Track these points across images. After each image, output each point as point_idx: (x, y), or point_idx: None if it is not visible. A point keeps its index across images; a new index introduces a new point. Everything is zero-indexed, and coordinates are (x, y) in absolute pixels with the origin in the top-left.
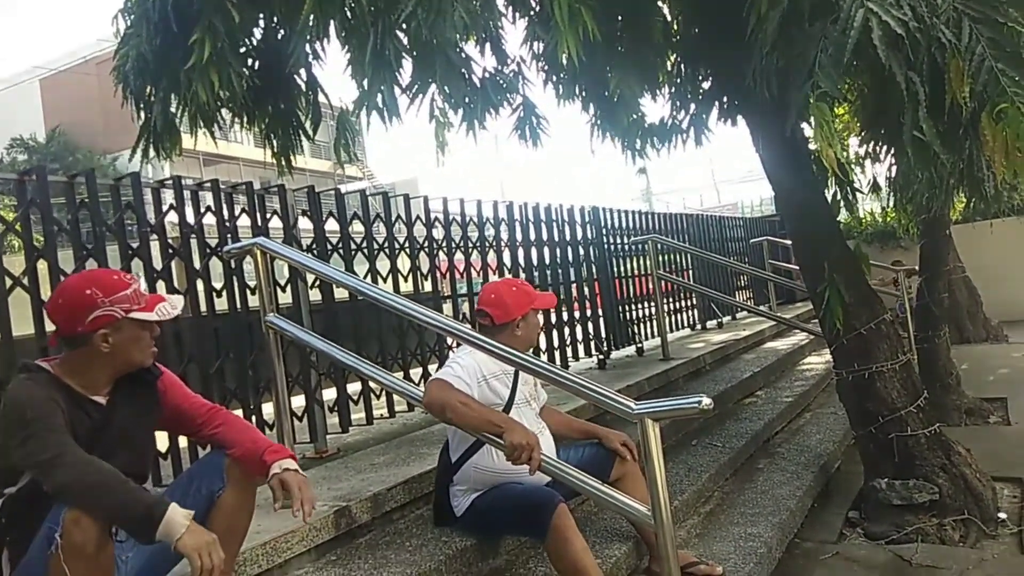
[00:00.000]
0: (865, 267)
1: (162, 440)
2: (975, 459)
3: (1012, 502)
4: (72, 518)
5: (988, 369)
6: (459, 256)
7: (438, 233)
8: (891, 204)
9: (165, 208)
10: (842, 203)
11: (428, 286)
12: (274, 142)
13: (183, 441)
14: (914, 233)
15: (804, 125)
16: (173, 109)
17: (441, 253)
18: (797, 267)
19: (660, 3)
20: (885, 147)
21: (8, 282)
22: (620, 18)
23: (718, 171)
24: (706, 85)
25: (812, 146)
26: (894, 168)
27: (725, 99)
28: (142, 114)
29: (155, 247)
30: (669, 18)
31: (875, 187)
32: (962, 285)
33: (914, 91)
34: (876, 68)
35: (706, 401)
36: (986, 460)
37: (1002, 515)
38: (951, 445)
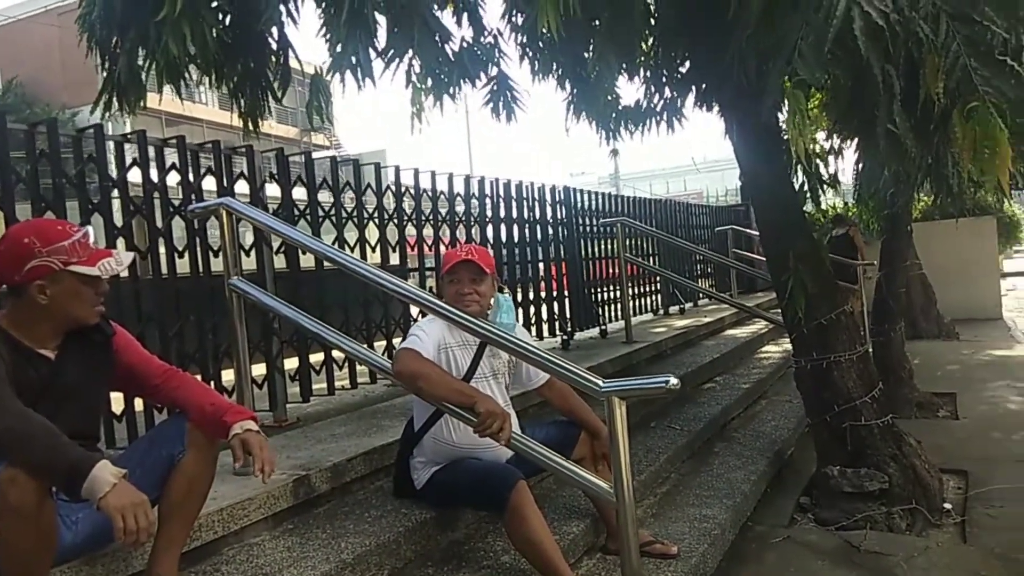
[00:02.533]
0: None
1: (117, 402)
2: (924, 451)
3: (957, 493)
4: (8, 477)
5: (939, 365)
6: (428, 230)
7: (408, 205)
8: (856, 198)
9: (128, 163)
10: (808, 194)
11: (396, 259)
12: (241, 102)
13: (139, 404)
14: (876, 229)
15: (778, 114)
16: (140, 62)
17: (410, 225)
18: (760, 256)
19: None
20: (856, 139)
21: None
22: None
23: (686, 160)
24: (684, 68)
25: (785, 135)
26: (861, 163)
27: (702, 84)
28: (106, 66)
29: (116, 204)
30: None
31: (835, 181)
32: (918, 282)
33: (890, 84)
34: (855, 59)
35: (673, 381)
36: (934, 452)
37: (947, 505)
38: (902, 436)
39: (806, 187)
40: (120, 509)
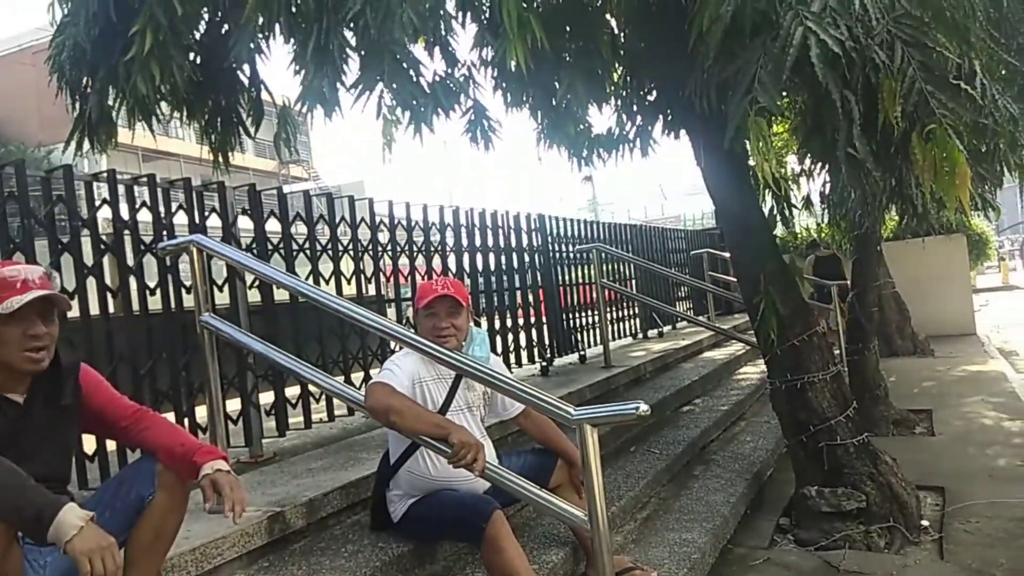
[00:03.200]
0: (799, 281)
1: (89, 442)
2: (901, 468)
3: (934, 510)
4: None
5: (914, 382)
6: (404, 260)
7: (383, 236)
8: (826, 220)
9: (98, 203)
10: (778, 218)
11: (372, 290)
12: (212, 138)
13: (111, 444)
14: (847, 249)
15: (744, 141)
16: (110, 101)
17: (386, 257)
18: (735, 279)
19: (608, 16)
20: (820, 163)
21: None
22: (568, 28)
23: (663, 184)
24: (651, 98)
25: (751, 161)
26: (828, 185)
27: (669, 112)
28: (77, 105)
29: (87, 243)
30: (616, 31)
31: (807, 203)
32: (892, 300)
33: (849, 109)
34: (813, 86)
35: (643, 407)
36: (911, 469)
37: (925, 523)
38: (878, 454)
39: (775, 211)
40: (87, 553)
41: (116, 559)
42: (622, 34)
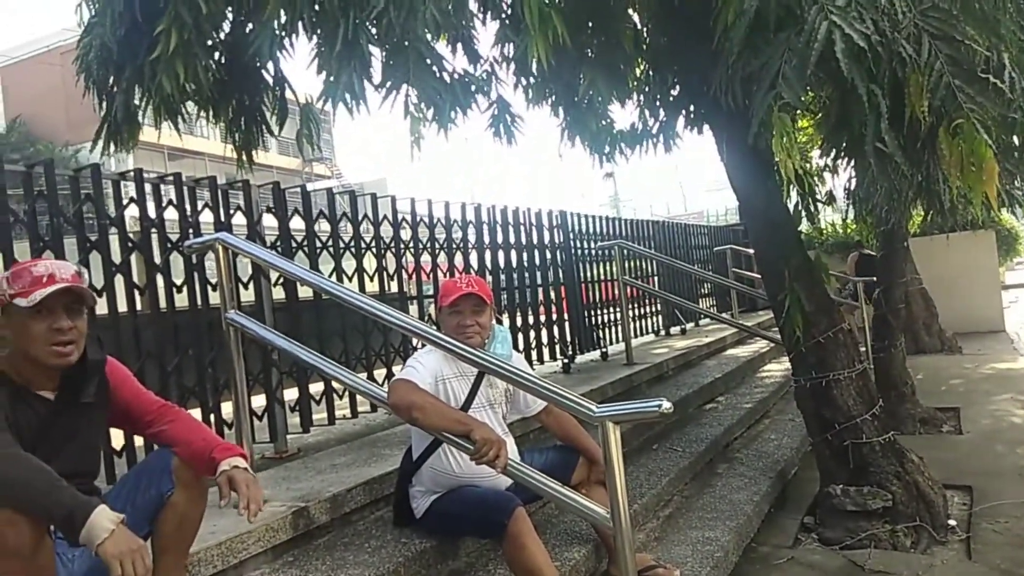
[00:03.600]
0: (825, 277)
1: (117, 437)
2: (928, 467)
3: (962, 509)
4: (6, 518)
5: (942, 379)
6: (426, 258)
7: (405, 234)
8: (851, 216)
9: (125, 201)
10: (803, 213)
11: (394, 287)
12: (236, 136)
13: (139, 440)
14: (874, 245)
15: (768, 136)
16: (136, 100)
17: (408, 254)
18: (759, 275)
19: (630, 11)
20: (846, 158)
21: None
22: (590, 24)
23: (686, 180)
24: (674, 93)
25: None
26: (854, 180)
27: (692, 107)
28: (104, 105)
29: (115, 241)
30: (639, 26)
31: (831, 199)
32: (919, 297)
33: (875, 103)
34: (839, 80)
35: (666, 405)
36: (938, 468)
37: (952, 522)
38: (905, 453)
39: (800, 206)
40: (118, 556)
41: (147, 562)
42: (645, 29)
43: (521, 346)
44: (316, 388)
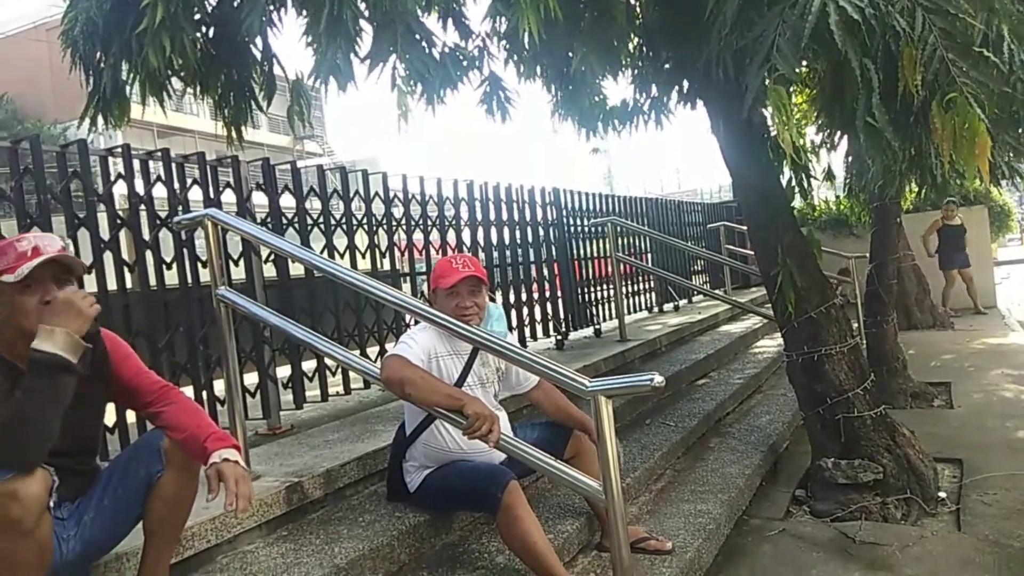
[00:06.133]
0: (817, 253)
1: (110, 414)
2: (918, 441)
3: (952, 482)
4: (9, 491)
5: (933, 355)
6: (418, 235)
7: (397, 211)
8: (845, 192)
9: (113, 177)
10: (796, 189)
11: (387, 264)
12: (225, 112)
13: (131, 416)
14: (866, 222)
15: (762, 111)
16: (124, 76)
17: (400, 231)
18: (752, 252)
19: None
20: (839, 132)
21: None
22: None
23: (681, 158)
24: (667, 67)
25: (772, 131)
26: (849, 156)
27: (685, 82)
28: (91, 81)
29: (103, 218)
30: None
31: (829, 175)
32: (911, 273)
33: (868, 77)
34: (832, 53)
35: (658, 379)
36: (929, 442)
37: (942, 494)
38: (896, 427)
39: (793, 182)
40: None
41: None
42: (637, 3)
43: (515, 323)
44: (309, 365)
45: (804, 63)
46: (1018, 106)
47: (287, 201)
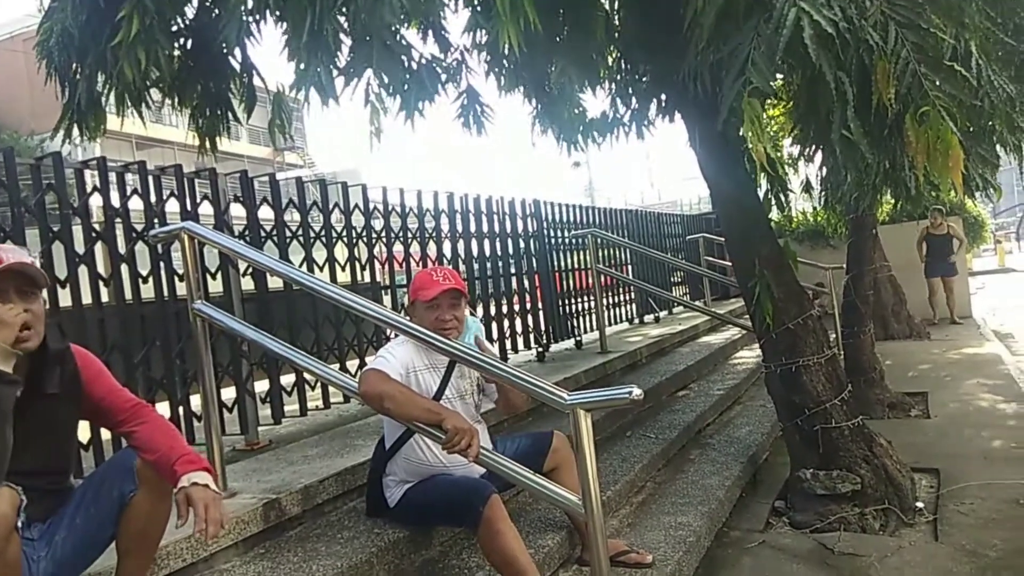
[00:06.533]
0: (793, 264)
1: (84, 431)
2: (896, 451)
3: (929, 492)
4: None
5: (910, 365)
6: (399, 247)
7: (377, 223)
8: (822, 204)
9: (89, 190)
10: (773, 201)
11: (367, 277)
12: (200, 123)
13: (106, 433)
14: (843, 233)
15: (738, 124)
16: (99, 87)
17: (380, 243)
18: (731, 263)
19: None
20: (814, 146)
21: None
22: (562, 11)
23: (660, 170)
24: (646, 80)
25: (748, 144)
26: (825, 168)
27: (663, 95)
28: (66, 92)
29: (78, 231)
30: (610, 13)
31: (807, 187)
32: (887, 284)
33: (843, 90)
34: (807, 67)
35: (636, 392)
36: (906, 451)
37: (920, 504)
38: (873, 437)
39: (770, 194)
40: None
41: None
42: (616, 16)
43: (495, 335)
44: (288, 379)
45: (779, 76)
46: (987, 119)
47: (266, 213)
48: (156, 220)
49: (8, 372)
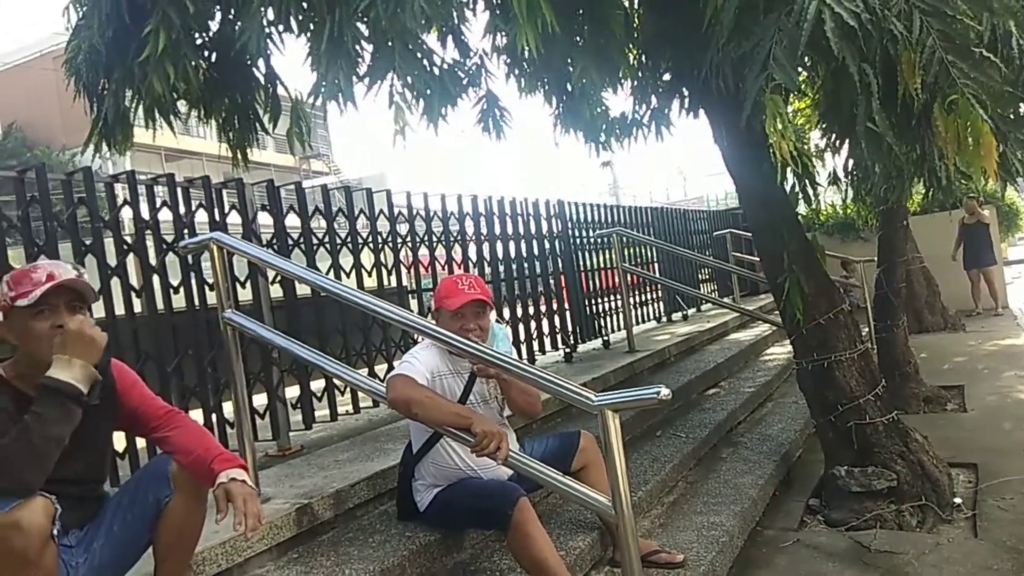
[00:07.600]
0: (822, 258)
1: (119, 440)
2: (932, 446)
3: (967, 487)
4: (11, 522)
5: (945, 358)
6: (424, 251)
7: (402, 228)
8: (850, 196)
9: (119, 203)
10: (800, 195)
11: (393, 281)
12: (230, 135)
13: (141, 442)
14: (873, 225)
15: (763, 118)
16: (127, 102)
17: (406, 248)
18: (759, 259)
19: None
20: (840, 139)
21: None
22: (580, 11)
23: (686, 165)
24: (667, 78)
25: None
26: (852, 161)
27: (686, 92)
28: (94, 107)
29: (110, 244)
30: (629, 11)
31: (835, 179)
32: (920, 275)
33: (867, 82)
34: (830, 60)
35: (664, 391)
36: (943, 446)
37: (957, 500)
38: (909, 432)
39: (797, 188)
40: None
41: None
42: (635, 14)
43: (522, 337)
44: (318, 385)
45: (803, 70)
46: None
47: (293, 221)
48: (186, 231)
49: (85, 393)
